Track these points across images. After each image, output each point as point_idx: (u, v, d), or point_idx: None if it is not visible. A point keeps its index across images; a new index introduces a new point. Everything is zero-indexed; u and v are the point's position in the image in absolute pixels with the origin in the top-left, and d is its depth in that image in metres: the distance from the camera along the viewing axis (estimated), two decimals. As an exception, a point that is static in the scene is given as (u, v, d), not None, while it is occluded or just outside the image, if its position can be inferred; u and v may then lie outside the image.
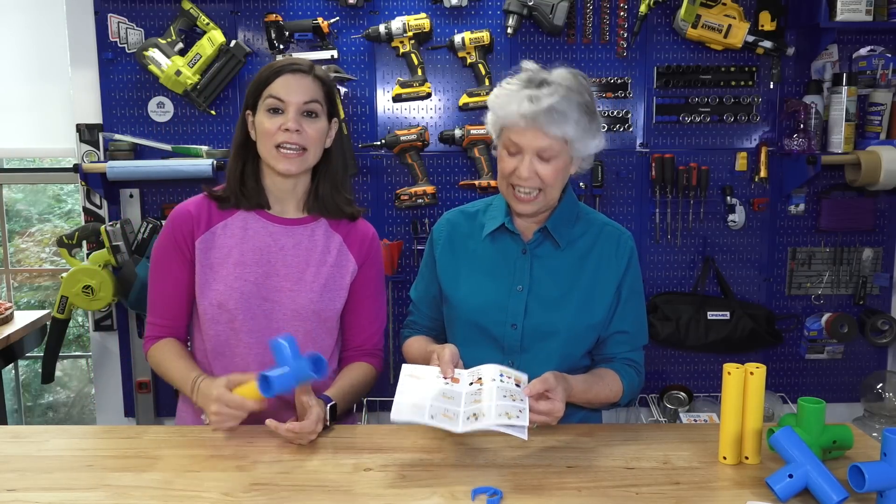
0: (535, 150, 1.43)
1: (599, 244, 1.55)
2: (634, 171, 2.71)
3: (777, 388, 2.81)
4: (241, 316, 1.49)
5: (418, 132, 2.59)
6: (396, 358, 2.77)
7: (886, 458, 1.07)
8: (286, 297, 1.51)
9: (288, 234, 1.54)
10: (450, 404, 1.28)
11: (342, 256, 1.57)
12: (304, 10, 2.61)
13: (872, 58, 2.61)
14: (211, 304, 1.50)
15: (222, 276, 1.50)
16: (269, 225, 1.54)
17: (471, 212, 1.63)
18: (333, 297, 1.55)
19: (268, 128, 1.46)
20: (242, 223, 1.54)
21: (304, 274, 1.53)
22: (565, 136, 1.42)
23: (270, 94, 1.47)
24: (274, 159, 1.47)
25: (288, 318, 1.51)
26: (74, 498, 1.17)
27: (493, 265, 1.56)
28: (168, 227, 1.55)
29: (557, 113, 1.40)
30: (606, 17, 2.63)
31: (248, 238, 1.52)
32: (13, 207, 3.90)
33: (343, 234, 1.59)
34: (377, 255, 1.64)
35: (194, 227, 1.52)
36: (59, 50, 2.70)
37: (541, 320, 1.51)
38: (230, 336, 1.51)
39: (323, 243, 1.56)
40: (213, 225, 1.53)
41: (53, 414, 3.92)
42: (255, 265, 1.51)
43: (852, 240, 2.78)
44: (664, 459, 1.29)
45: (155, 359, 1.56)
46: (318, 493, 1.17)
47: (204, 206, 1.54)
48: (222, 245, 1.52)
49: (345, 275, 1.57)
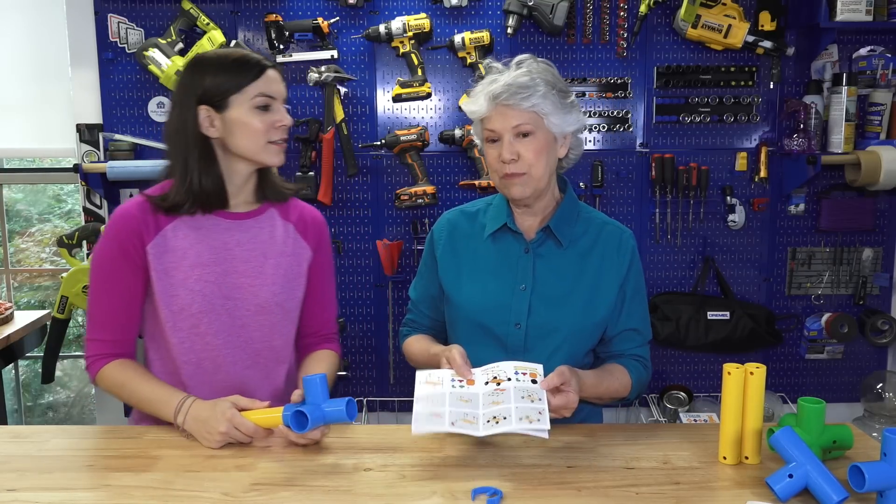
0: (511, 130, 1.45)
1: (601, 243, 1.56)
2: (634, 171, 2.71)
3: (777, 388, 2.81)
4: (206, 319, 1.45)
5: (418, 132, 2.59)
6: (396, 358, 2.77)
7: (886, 458, 1.07)
8: (248, 293, 1.48)
9: (242, 229, 1.50)
10: (468, 408, 1.28)
11: (297, 244, 1.56)
12: (304, 10, 2.61)
13: (872, 58, 2.61)
14: (172, 312, 1.44)
15: (181, 281, 1.44)
16: (221, 221, 1.48)
17: (471, 212, 1.64)
18: (294, 286, 1.54)
19: (260, 126, 1.43)
20: (193, 223, 1.46)
21: (263, 267, 1.50)
22: (535, 108, 1.44)
23: (261, 93, 1.43)
24: (268, 154, 1.45)
25: (252, 313, 1.48)
26: (74, 498, 1.17)
27: (495, 265, 1.56)
28: (111, 234, 1.44)
29: (520, 87, 1.43)
30: (606, 17, 2.63)
31: (202, 237, 1.46)
32: (13, 207, 3.90)
33: (294, 222, 1.57)
34: (328, 240, 1.63)
35: (143, 233, 1.43)
36: (59, 50, 2.70)
37: (545, 319, 1.51)
38: (195, 341, 1.46)
39: (277, 233, 1.53)
40: (162, 228, 1.45)
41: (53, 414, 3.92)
42: (214, 264, 1.46)
43: (852, 240, 2.78)
44: (664, 459, 1.29)
45: (113, 380, 1.45)
46: (317, 493, 1.17)
47: (148, 208, 1.45)
48: (175, 248, 1.44)
49: (302, 262, 1.56)
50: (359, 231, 2.73)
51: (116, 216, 1.45)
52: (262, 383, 1.52)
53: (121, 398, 1.48)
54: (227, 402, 1.35)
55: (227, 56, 1.45)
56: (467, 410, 1.27)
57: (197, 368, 1.48)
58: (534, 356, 1.50)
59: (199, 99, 1.42)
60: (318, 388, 1.30)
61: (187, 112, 1.43)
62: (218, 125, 1.43)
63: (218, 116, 1.43)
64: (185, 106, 1.43)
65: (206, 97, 1.42)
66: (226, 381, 1.48)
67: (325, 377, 1.32)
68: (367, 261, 2.75)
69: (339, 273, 2.75)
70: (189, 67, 1.47)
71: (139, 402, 1.44)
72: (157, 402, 1.42)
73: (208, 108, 1.42)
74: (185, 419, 1.37)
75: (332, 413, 1.28)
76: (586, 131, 2.68)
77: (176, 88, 1.48)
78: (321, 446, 1.35)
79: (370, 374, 2.81)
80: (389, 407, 2.80)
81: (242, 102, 1.42)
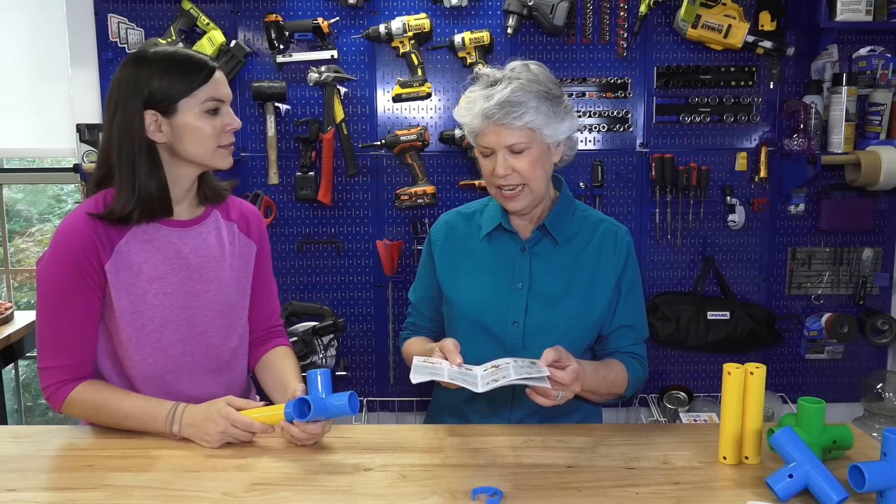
0: (505, 147, 1.45)
1: (597, 240, 1.57)
2: (634, 171, 2.71)
3: (777, 388, 2.81)
4: (167, 331, 1.42)
5: (418, 132, 2.59)
6: (396, 358, 2.77)
7: (886, 458, 1.07)
8: (206, 300, 1.46)
9: (190, 236, 1.46)
10: (467, 375, 1.30)
11: (243, 242, 1.54)
12: (304, 10, 2.61)
13: (872, 58, 2.61)
14: (135, 329, 1.39)
15: (140, 297, 1.39)
16: (171, 231, 1.43)
17: (467, 213, 1.65)
18: (245, 284, 1.54)
19: (210, 130, 1.38)
20: (144, 235, 1.40)
21: (216, 272, 1.48)
22: (528, 125, 1.43)
23: (211, 97, 1.37)
24: (218, 158, 1.41)
25: (209, 318, 1.47)
26: (74, 498, 1.17)
27: (492, 264, 1.56)
28: (64, 253, 1.35)
29: (512, 105, 1.42)
30: (606, 17, 2.63)
31: (155, 250, 1.41)
32: (13, 207, 3.90)
33: (236, 220, 1.55)
34: (265, 233, 1.62)
35: (99, 251, 1.36)
36: (59, 50, 2.70)
37: (542, 317, 1.52)
38: (157, 356, 1.42)
39: (224, 235, 1.51)
40: (115, 244, 1.38)
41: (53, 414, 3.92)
42: (171, 275, 1.42)
43: (852, 240, 2.77)
44: (664, 459, 1.29)
45: (87, 403, 1.39)
46: (318, 493, 1.17)
47: (98, 224, 1.36)
48: (131, 264, 1.38)
49: (250, 260, 1.56)
50: (359, 231, 2.73)
51: (65, 233, 1.36)
52: (222, 385, 1.52)
53: (97, 421, 1.41)
54: (222, 402, 1.35)
55: (172, 57, 1.36)
56: (466, 377, 1.29)
57: (159, 383, 1.44)
58: (532, 354, 1.49)
59: (144, 102, 1.34)
60: (321, 383, 1.30)
61: (133, 115, 1.35)
62: (166, 130, 1.36)
63: (165, 121, 1.36)
64: (130, 109, 1.35)
65: (153, 101, 1.34)
66: (188, 390, 1.46)
67: (329, 372, 1.32)
68: (367, 261, 2.75)
69: (339, 273, 2.75)
70: (132, 66, 1.37)
71: (122, 420, 1.39)
72: (144, 416, 1.37)
73: (155, 113, 1.35)
74: (181, 427, 1.35)
75: (333, 406, 1.29)
76: (586, 131, 2.68)
77: (117, 87, 1.37)
78: (321, 446, 1.35)
79: (370, 374, 2.81)
80: (389, 407, 2.80)
81: (192, 107, 1.36)
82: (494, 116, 1.43)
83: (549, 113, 1.45)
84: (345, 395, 1.29)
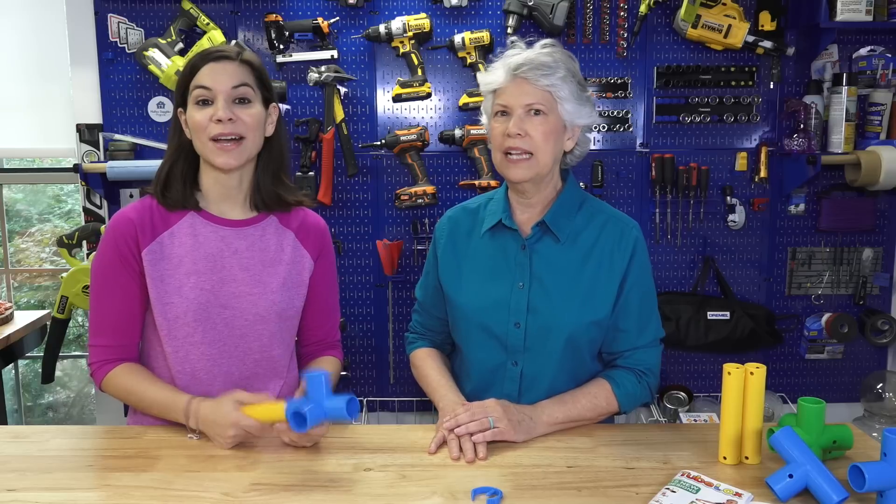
0: (524, 106, 1.44)
1: (603, 237, 1.51)
2: (634, 171, 2.71)
3: (777, 388, 2.81)
4: (201, 328, 1.42)
5: (418, 132, 2.59)
6: (396, 358, 2.77)
7: (886, 458, 1.07)
8: (246, 303, 1.45)
9: (240, 237, 1.46)
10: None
11: (297, 253, 1.52)
12: (304, 10, 2.61)
13: (872, 58, 2.61)
14: (167, 319, 1.42)
15: (175, 288, 1.41)
16: (219, 229, 1.45)
17: (472, 207, 1.62)
18: (293, 295, 1.51)
19: (199, 121, 1.37)
20: (190, 230, 1.44)
21: (261, 276, 1.46)
22: (552, 89, 1.43)
23: (197, 85, 1.38)
24: (212, 154, 1.39)
25: (250, 322, 1.46)
26: (74, 498, 1.17)
27: (493, 263, 1.53)
28: (109, 238, 1.42)
29: (543, 65, 1.43)
30: (606, 17, 2.63)
31: (199, 245, 1.43)
32: (13, 207, 3.90)
33: (295, 230, 1.53)
34: (330, 247, 1.61)
35: (139, 237, 1.41)
36: (59, 50, 2.70)
37: (544, 318, 1.47)
38: (190, 350, 1.44)
39: (276, 242, 1.50)
40: (159, 234, 1.42)
41: (53, 414, 3.92)
42: (210, 273, 1.43)
43: (852, 240, 2.77)
44: (664, 459, 1.29)
45: (121, 385, 1.43)
46: (318, 493, 1.17)
47: (146, 213, 1.43)
48: (172, 255, 1.42)
49: (302, 271, 1.53)
50: (359, 231, 2.73)
51: (114, 220, 1.43)
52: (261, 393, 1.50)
53: (129, 403, 1.47)
54: (231, 403, 1.32)
55: (197, 52, 1.43)
56: None
57: (192, 379, 1.45)
58: (533, 356, 1.49)
59: (178, 102, 1.43)
60: (321, 385, 1.28)
61: (176, 115, 1.44)
62: (187, 127, 1.43)
63: (185, 117, 1.42)
64: (175, 109, 1.45)
65: (177, 98, 1.43)
66: (222, 391, 1.44)
67: (329, 374, 1.30)
68: (367, 261, 2.75)
69: (339, 273, 2.74)
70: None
71: (148, 406, 1.42)
72: (165, 405, 1.40)
73: (182, 110, 1.42)
74: (198, 422, 1.36)
75: (332, 410, 1.28)
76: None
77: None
78: (321, 446, 1.35)
79: (370, 374, 2.81)
80: (389, 407, 2.80)
81: (190, 99, 1.40)
82: (521, 69, 1.42)
83: (574, 91, 1.45)
84: (343, 399, 1.28)
